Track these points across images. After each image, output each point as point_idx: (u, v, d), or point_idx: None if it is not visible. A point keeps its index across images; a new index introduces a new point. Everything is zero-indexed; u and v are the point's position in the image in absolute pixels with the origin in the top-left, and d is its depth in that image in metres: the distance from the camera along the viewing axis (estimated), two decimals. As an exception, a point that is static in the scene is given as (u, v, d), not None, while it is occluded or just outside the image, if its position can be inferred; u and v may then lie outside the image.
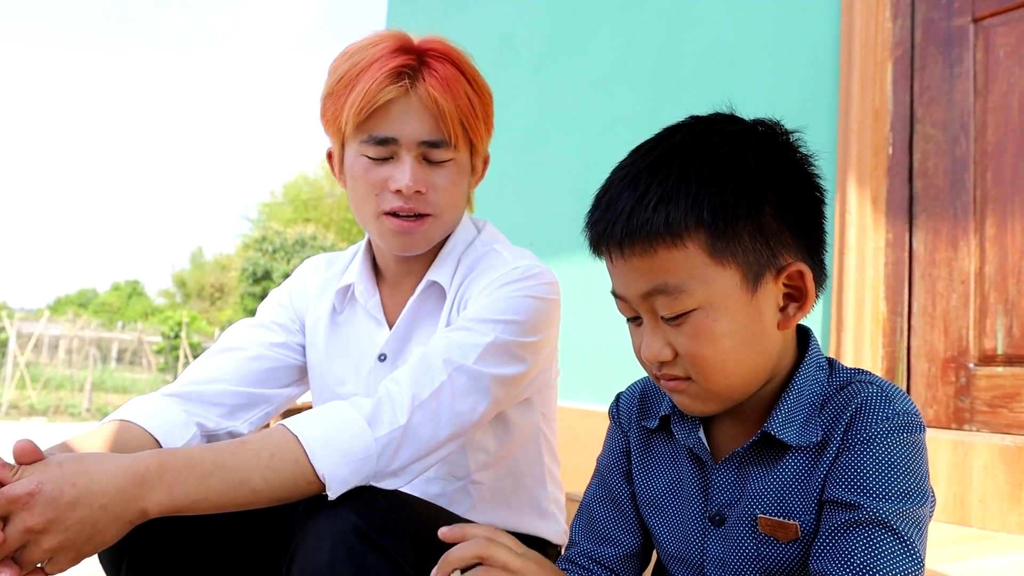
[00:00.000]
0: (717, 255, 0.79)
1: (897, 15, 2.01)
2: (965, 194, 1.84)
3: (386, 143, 1.20)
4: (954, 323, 1.83)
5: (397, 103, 1.19)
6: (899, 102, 1.98)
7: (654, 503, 0.96)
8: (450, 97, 1.20)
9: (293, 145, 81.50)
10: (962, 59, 1.89)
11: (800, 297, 0.84)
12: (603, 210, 0.83)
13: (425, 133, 1.21)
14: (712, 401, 0.85)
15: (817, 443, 0.83)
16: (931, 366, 1.86)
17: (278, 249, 22.91)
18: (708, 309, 0.80)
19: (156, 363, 17.52)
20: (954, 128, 1.88)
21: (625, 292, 0.84)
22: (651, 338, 0.84)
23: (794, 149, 0.85)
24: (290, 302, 1.43)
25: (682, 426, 0.93)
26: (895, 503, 0.77)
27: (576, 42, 2.95)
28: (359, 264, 1.37)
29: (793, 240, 0.82)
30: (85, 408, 13.24)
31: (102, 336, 17.82)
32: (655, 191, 0.79)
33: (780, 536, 0.83)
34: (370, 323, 1.36)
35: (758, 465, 0.87)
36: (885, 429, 0.79)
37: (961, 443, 1.66)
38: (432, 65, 1.21)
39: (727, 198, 0.78)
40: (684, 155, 0.80)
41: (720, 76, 2.42)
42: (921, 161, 1.93)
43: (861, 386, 0.84)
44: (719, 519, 0.89)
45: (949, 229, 1.86)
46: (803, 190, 0.84)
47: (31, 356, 14.97)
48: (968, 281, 1.82)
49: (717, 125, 0.85)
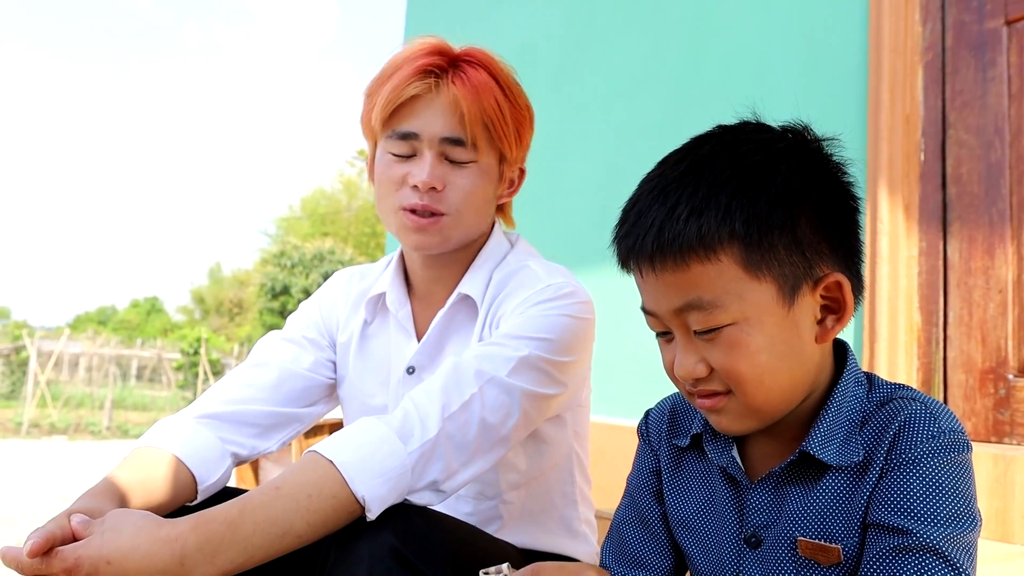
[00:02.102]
0: (752, 268, 0.78)
1: (927, 18, 2.00)
2: (1001, 200, 1.82)
3: (408, 138, 1.24)
4: (992, 333, 1.81)
5: (422, 99, 1.23)
6: (930, 107, 1.96)
7: (686, 524, 0.95)
8: (475, 99, 1.23)
9: (310, 159, 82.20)
10: (995, 62, 1.87)
11: (838, 309, 0.83)
12: (632, 224, 0.82)
13: (447, 130, 1.23)
14: (750, 418, 0.83)
15: (859, 463, 0.82)
16: (968, 377, 1.84)
17: (296, 264, 23.07)
18: (743, 324, 0.79)
19: (175, 380, 17.66)
20: (988, 133, 1.86)
21: (656, 308, 0.83)
22: (684, 355, 0.82)
23: (826, 156, 0.84)
24: (320, 317, 1.43)
25: (715, 444, 0.92)
26: (944, 528, 0.75)
27: (598, 51, 2.96)
28: (392, 273, 1.38)
29: (829, 250, 0.81)
30: (105, 426, 13.36)
31: (121, 353, 17.99)
32: (686, 203, 0.78)
33: (822, 560, 0.81)
34: (400, 335, 1.36)
35: (796, 485, 0.85)
36: (931, 448, 0.77)
37: (1002, 457, 1.63)
38: (464, 69, 1.26)
39: (760, 209, 0.77)
40: (713, 166, 0.79)
41: (745, 84, 2.41)
42: (954, 167, 1.91)
43: (904, 403, 0.82)
44: (755, 541, 0.87)
45: (985, 236, 1.84)
46: (837, 198, 0.83)
47: (51, 374, 15.15)
48: (1006, 290, 1.79)
49: (745, 134, 0.84)
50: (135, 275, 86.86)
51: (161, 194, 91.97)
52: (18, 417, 13.19)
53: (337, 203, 32.09)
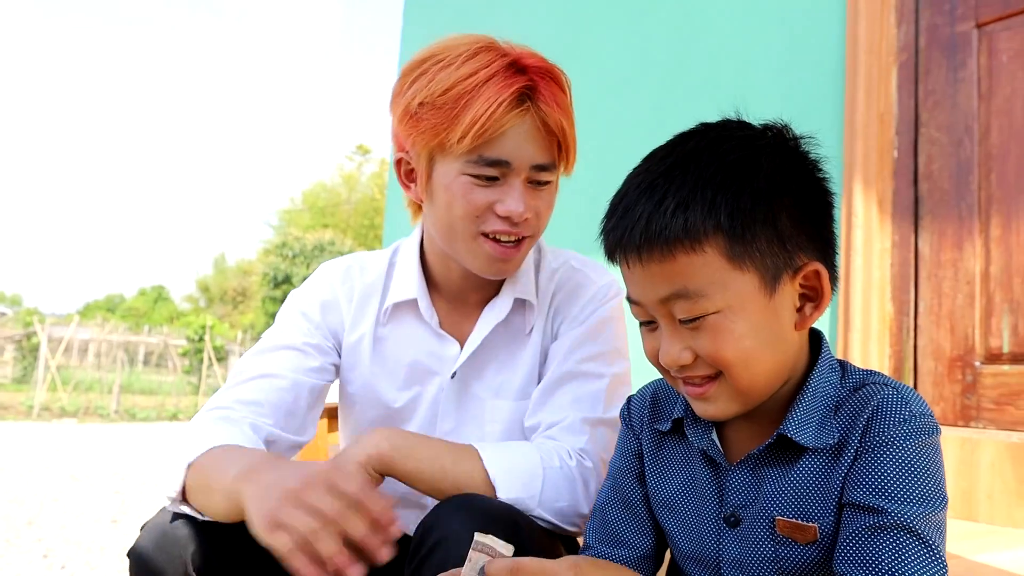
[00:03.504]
0: (735, 259, 0.78)
1: (902, 21, 2.00)
2: (970, 196, 1.83)
3: (497, 165, 1.12)
4: (960, 322, 1.82)
5: (515, 126, 1.12)
6: (904, 106, 1.97)
7: (667, 504, 0.95)
8: (557, 120, 1.15)
9: (311, 154, 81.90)
10: (966, 64, 1.87)
11: (816, 297, 0.83)
12: (620, 216, 0.82)
13: (538, 156, 1.14)
14: (736, 402, 0.84)
15: (834, 445, 0.82)
16: (938, 364, 1.85)
17: (298, 254, 23.03)
18: (727, 312, 0.79)
19: (181, 365, 17.62)
20: (958, 131, 1.86)
21: (642, 297, 0.83)
22: (669, 342, 0.83)
23: (804, 153, 0.85)
24: (323, 320, 1.30)
25: (695, 429, 0.92)
26: (917, 507, 0.75)
27: (587, 50, 2.95)
28: (416, 278, 1.28)
29: (807, 242, 0.82)
30: (113, 410, 13.34)
31: (129, 340, 17.93)
32: (672, 197, 0.78)
33: (798, 538, 0.82)
34: (429, 339, 1.28)
35: (774, 467, 0.86)
36: (904, 432, 0.78)
37: (968, 440, 1.64)
38: (541, 85, 1.15)
39: (744, 203, 0.77)
40: (699, 161, 0.80)
41: (728, 82, 2.41)
42: (926, 164, 1.91)
43: (877, 388, 0.82)
44: (734, 520, 0.87)
45: (954, 230, 1.85)
46: (815, 193, 0.84)
47: (62, 359, 15.09)
48: (973, 281, 1.80)
49: (728, 131, 0.84)
50: (142, 264, 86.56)
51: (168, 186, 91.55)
52: (29, 400, 13.15)
53: (337, 196, 31.99)
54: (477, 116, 1.08)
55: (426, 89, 1.13)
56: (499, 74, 1.11)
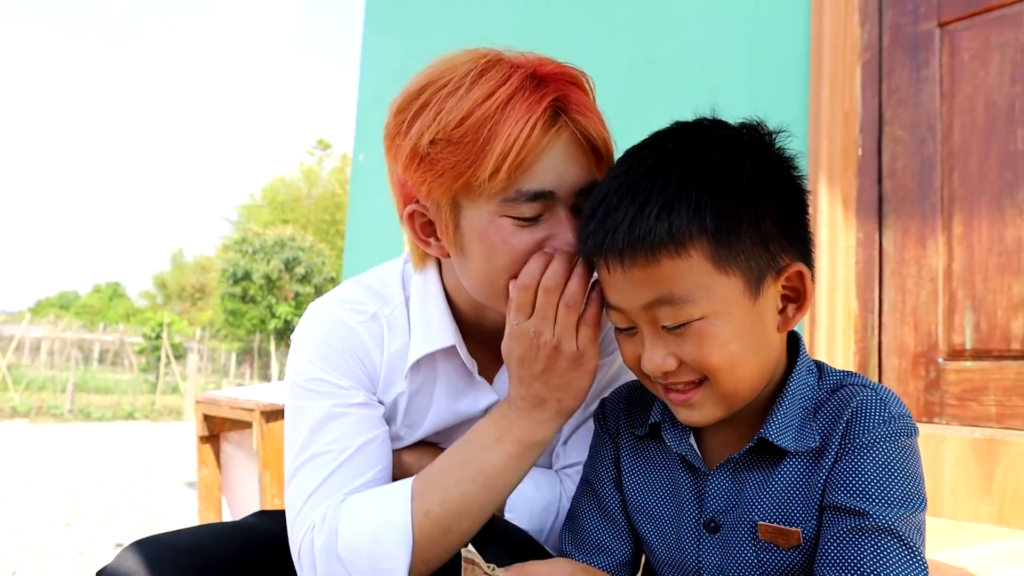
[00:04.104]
0: (720, 263, 0.76)
1: (865, 20, 2.00)
2: (933, 194, 1.84)
3: (540, 198, 0.94)
4: (923, 319, 1.83)
5: (553, 148, 0.94)
6: (868, 105, 1.97)
7: (645, 510, 0.93)
8: (601, 127, 0.99)
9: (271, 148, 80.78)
10: (928, 63, 1.88)
11: (798, 298, 0.82)
12: (600, 220, 0.79)
13: (583, 178, 0.97)
14: (720, 407, 0.82)
15: (815, 449, 0.81)
16: (901, 361, 1.86)
17: (258, 250, 22.66)
18: (712, 317, 0.77)
19: (138, 363, 17.26)
20: (921, 130, 1.87)
21: (623, 303, 0.80)
22: (652, 349, 0.80)
23: (780, 151, 0.83)
24: (366, 375, 1.11)
25: (673, 433, 0.90)
26: (897, 509, 0.74)
27: (551, 46, 2.92)
28: (448, 324, 1.10)
29: (788, 242, 0.80)
30: (67, 409, 13.00)
31: (84, 338, 17.53)
32: (656, 200, 0.75)
33: (781, 543, 0.81)
34: (463, 385, 1.15)
35: (754, 471, 0.84)
36: (883, 434, 0.77)
37: (932, 436, 1.65)
38: (570, 94, 0.97)
39: (728, 205, 0.75)
40: (681, 162, 0.77)
41: (693, 81, 2.40)
42: (890, 162, 1.92)
43: (855, 389, 0.81)
44: (714, 526, 0.85)
45: (917, 228, 1.86)
46: (794, 191, 0.82)
47: (12, 358, 14.68)
48: (936, 278, 1.81)
49: (707, 130, 0.82)
50: (97, 261, 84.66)
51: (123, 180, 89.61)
52: (-21, 401, 12.76)
53: (297, 191, 31.59)
54: (508, 144, 0.90)
55: (435, 123, 0.93)
56: (522, 89, 0.93)
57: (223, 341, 22.93)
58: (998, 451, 1.62)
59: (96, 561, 3.69)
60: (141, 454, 7.99)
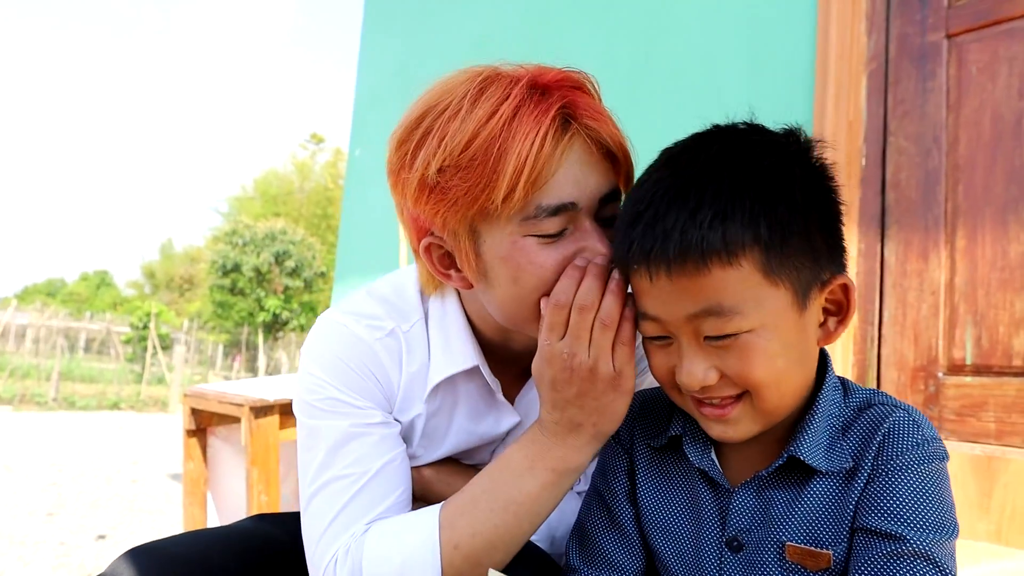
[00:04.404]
0: (771, 274, 0.72)
1: (872, 29, 1.98)
2: (936, 206, 1.82)
3: (562, 211, 0.89)
4: (924, 333, 1.81)
5: (568, 157, 0.89)
6: (873, 115, 1.95)
7: (662, 526, 0.89)
8: (614, 128, 0.94)
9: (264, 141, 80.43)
10: (935, 74, 1.86)
11: (839, 311, 0.79)
12: (647, 226, 0.74)
13: (604, 184, 0.92)
14: (758, 422, 0.79)
15: (847, 469, 0.78)
16: (900, 375, 1.84)
17: (248, 242, 22.55)
18: (760, 330, 0.73)
19: (124, 353, 17.12)
20: (927, 141, 1.85)
21: (664, 313, 0.76)
22: (692, 362, 0.76)
23: (823, 160, 0.80)
24: (383, 395, 1.06)
25: (695, 447, 0.86)
26: (934, 535, 0.72)
27: (551, 47, 2.89)
28: (470, 343, 1.05)
29: (830, 253, 0.77)
30: (52, 397, 12.88)
31: (70, 326, 17.37)
32: (709, 207, 0.71)
33: (810, 565, 0.77)
34: (484, 406, 1.11)
35: (781, 489, 0.81)
36: (917, 456, 0.75)
37: (931, 451, 1.63)
38: (576, 99, 0.92)
39: (782, 214, 0.72)
40: (732, 168, 0.73)
41: (694, 86, 2.37)
42: (894, 173, 1.90)
43: (887, 409, 0.79)
44: (736, 545, 0.82)
45: (920, 240, 1.84)
46: (835, 202, 0.79)
47: (-3, 345, 14.54)
48: (938, 292, 1.79)
49: (753, 135, 0.78)
50: (85, 249, 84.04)
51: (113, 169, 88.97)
52: (-38, 387, 12.63)
53: (289, 184, 31.43)
54: (521, 161, 0.86)
55: (440, 150, 0.89)
56: (526, 102, 0.88)
57: (210, 333, 22.81)
58: (997, 468, 1.60)
59: (78, 553, 3.64)
60: (125, 445, 7.91)
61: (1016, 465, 1.58)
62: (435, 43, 3.55)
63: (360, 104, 4.08)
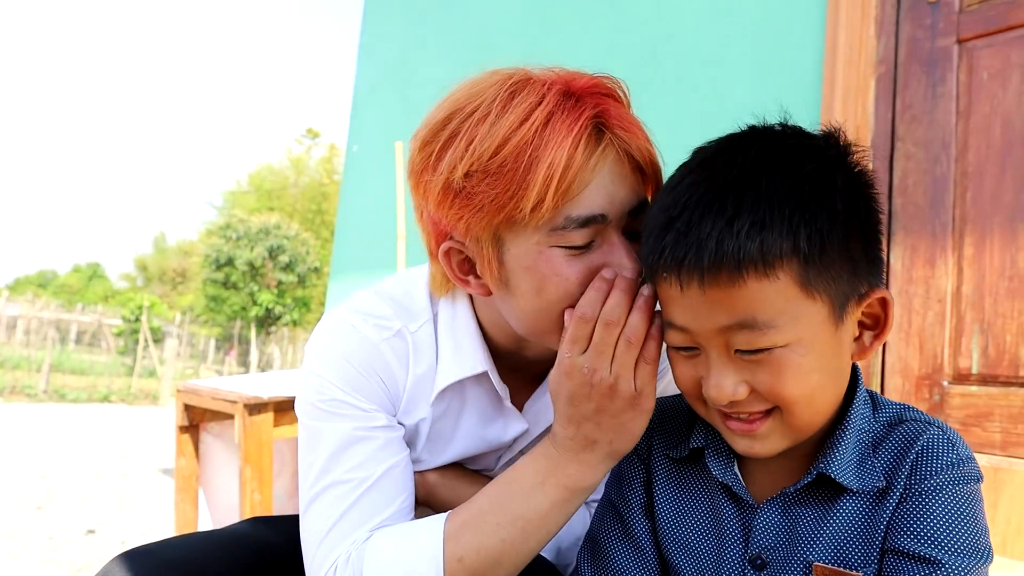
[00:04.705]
0: (808, 286, 0.69)
1: (881, 33, 1.96)
2: (944, 213, 1.80)
3: (592, 223, 0.86)
4: (929, 341, 1.79)
5: (601, 169, 0.86)
6: (881, 119, 1.93)
7: (681, 541, 0.86)
8: (646, 142, 0.91)
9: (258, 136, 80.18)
10: (945, 79, 1.84)
11: (875, 325, 0.76)
12: (680, 233, 0.70)
13: (633, 198, 0.89)
14: (787, 438, 0.75)
15: (879, 488, 0.75)
16: (905, 383, 1.82)
17: (242, 237, 22.44)
18: (796, 345, 0.70)
19: (116, 346, 17.02)
20: (935, 148, 1.83)
21: (694, 324, 0.73)
22: (721, 375, 0.73)
23: (864, 166, 0.76)
24: (387, 397, 1.03)
25: (717, 460, 0.83)
26: (970, 559, 0.69)
27: (555, 46, 2.86)
28: (480, 348, 1.03)
29: (869, 265, 0.73)
30: (42, 389, 12.79)
31: (61, 317, 17.27)
32: (747, 215, 0.67)
33: None
34: (492, 412, 1.08)
35: (808, 507, 0.78)
36: (952, 477, 0.72)
37: (936, 461, 1.61)
38: (609, 108, 0.89)
39: (822, 223, 0.68)
40: (770, 173, 0.69)
41: (701, 87, 2.35)
42: (901, 179, 1.88)
43: (920, 426, 0.76)
44: (760, 563, 0.79)
45: (927, 247, 1.82)
46: (876, 212, 0.75)
47: (-12, 335, 14.44)
48: (944, 300, 1.77)
49: (791, 138, 0.74)
50: (78, 241, 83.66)
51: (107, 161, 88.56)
52: (-49, 377, 12.53)
53: (284, 179, 31.30)
54: (553, 169, 0.83)
55: (468, 154, 0.86)
56: (560, 109, 0.85)
57: (203, 326, 22.71)
58: (1003, 480, 1.58)
59: (67, 547, 3.59)
60: (116, 438, 7.85)
61: (1022, 476, 1.56)
62: (436, 37, 3.52)
63: (359, 99, 4.04)
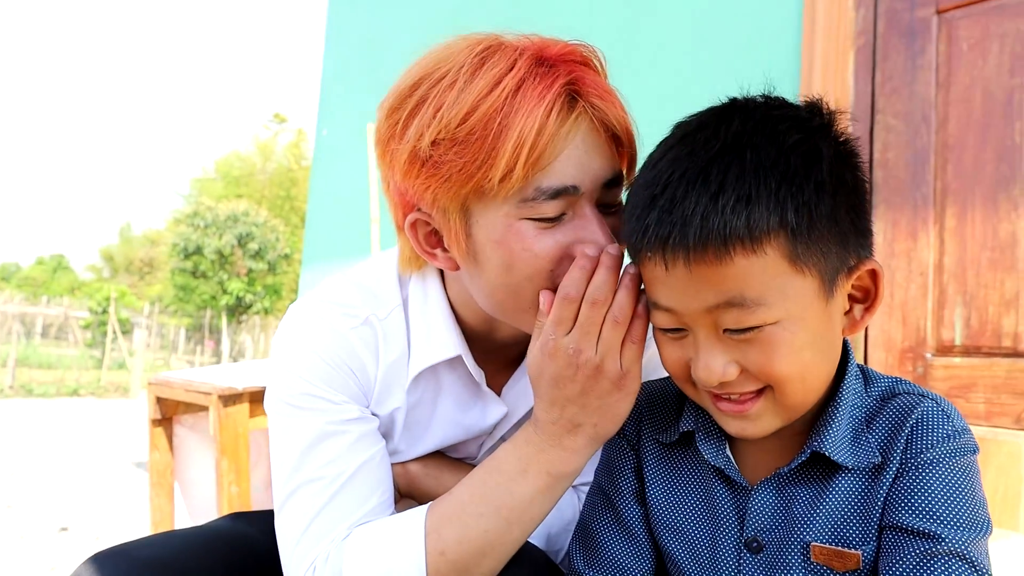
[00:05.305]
0: (797, 261, 0.67)
1: (860, 4, 1.94)
2: (925, 186, 1.79)
3: (563, 195, 0.83)
4: (912, 314, 1.79)
5: (573, 138, 0.83)
6: (861, 92, 1.91)
7: (674, 527, 0.84)
8: (621, 110, 0.87)
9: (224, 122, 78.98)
10: (925, 51, 1.83)
11: (866, 298, 0.74)
12: (664, 211, 0.68)
13: (607, 169, 0.86)
14: (779, 417, 0.74)
15: (875, 464, 0.74)
16: (888, 356, 1.81)
17: (210, 224, 22.12)
18: (786, 322, 0.68)
19: (83, 338, 16.73)
20: (915, 119, 1.82)
21: (680, 305, 0.71)
22: (711, 356, 0.71)
23: (848, 135, 0.74)
24: (359, 388, 0.99)
25: (708, 443, 0.81)
26: (969, 533, 0.69)
27: (530, 20, 2.81)
28: (453, 330, 0.99)
29: (857, 236, 0.72)
30: (8, 385, 12.54)
31: (26, 311, 16.92)
32: (732, 190, 0.65)
33: (837, 566, 0.73)
34: (468, 397, 1.05)
35: (803, 487, 0.77)
36: (949, 450, 0.71)
37: (921, 434, 1.61)
38: (583, 76, 0.86)
39: (809, 196, 0.66)
40: (754, 146, 0.67)
41: (679, 60, 2.32)
42: (882, 151, 1.87)
43: (914, 399, 0.75)
44: (756, 545, 0.78)
45: (908, 220, 1.81)
46: (862, 181, 0.74)
47: (-51, 331, 14.11)
48: (926, 272, 1.77)
49: (775, 109, 0.72)
50: (40, 232, 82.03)
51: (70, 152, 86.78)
52: (-87, 374, 12.24)
53: (251, 165, 30.86)
54: (523, 137, 0.79)
55: (436, 122, 0.82)
56: (531, 76, 0.82)
57: (172, 316, 22.40)
58: (988, 451, 1.58)
59: (38, 546, 3.52)
60: (86, 432, 7.72)
61: (1008, 447, 1.56)
62: (406, 15, 3.45)
63: (327, 82, 3.96)
